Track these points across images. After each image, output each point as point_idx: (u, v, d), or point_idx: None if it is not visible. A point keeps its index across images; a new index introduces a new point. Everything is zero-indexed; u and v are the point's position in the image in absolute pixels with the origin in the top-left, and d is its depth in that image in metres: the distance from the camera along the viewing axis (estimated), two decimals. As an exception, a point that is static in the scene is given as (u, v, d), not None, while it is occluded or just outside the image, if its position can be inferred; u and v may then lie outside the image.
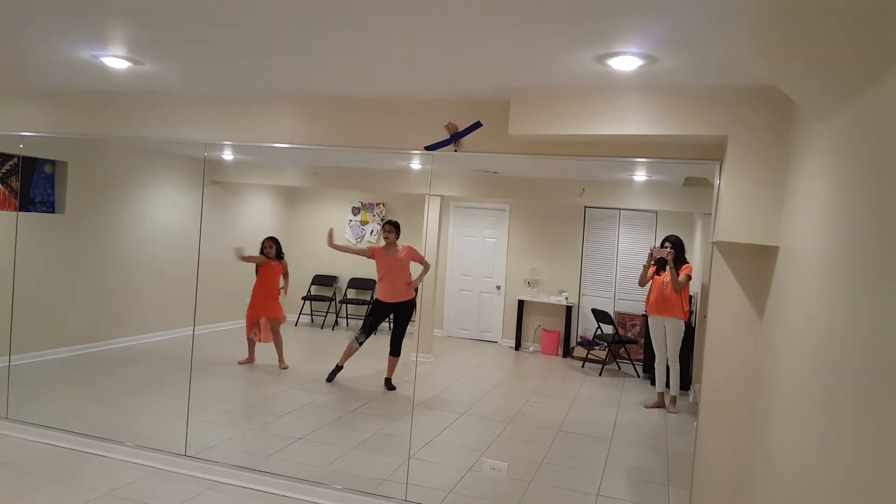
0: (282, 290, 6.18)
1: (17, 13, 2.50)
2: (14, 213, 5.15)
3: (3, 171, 5.30)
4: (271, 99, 3.78)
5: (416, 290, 6.01)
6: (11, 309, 4.49)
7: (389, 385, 5.74)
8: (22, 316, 4.54)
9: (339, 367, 5.83)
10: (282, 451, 4.18)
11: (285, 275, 6.26)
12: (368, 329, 5.80)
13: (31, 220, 5.52)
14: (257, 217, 7.88)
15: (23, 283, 4.53)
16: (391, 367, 5.76)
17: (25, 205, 5.49)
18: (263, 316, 6.10)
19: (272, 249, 6.12)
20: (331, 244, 5.85)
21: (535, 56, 2.53)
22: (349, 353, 5.84)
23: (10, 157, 5.31)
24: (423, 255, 5.92)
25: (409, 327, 5.92)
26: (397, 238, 5.81)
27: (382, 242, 5.88)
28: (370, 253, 5.88)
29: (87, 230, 6.04)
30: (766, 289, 2.81)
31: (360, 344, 5.80)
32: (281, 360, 6.13)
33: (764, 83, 2.64)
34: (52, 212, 5.75)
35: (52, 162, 5.71)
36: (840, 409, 1.61)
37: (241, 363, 6.17)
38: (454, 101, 3.42)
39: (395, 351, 5.75)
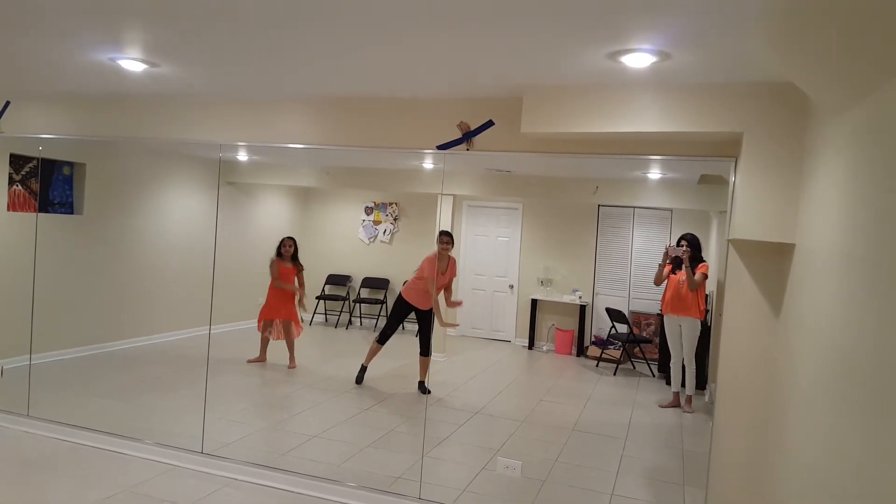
0: (298, 301, 6.15)
1: (34, 17, 2.54)
2: (34, 215, 5.24)
3: (22, 173, 5.39)
4: (285, 99, 3.81)
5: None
6: (32, 309, 4.56)
7: (423, 388, 5.67)
8: (41, 316, 4.61)
9: (364, 368, 5.80)
10: (297, 448, 4.21)
11: (301, 284, 6.23)
12: (391, 328, 5.75)
13: (50, 221, 5.60)
14: (272, 217, 7.94)
15: (42, 284, 4.60)
16: (423, 370, 5.70)
17: (44, 206, 5.58)
18: (277, 318, 6.12)
19: (290, 249, 6.13)
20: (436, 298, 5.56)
21: (547, 54, 2.53)
22: (373, 353, 5.79)
23: (30, 159, 5.39)
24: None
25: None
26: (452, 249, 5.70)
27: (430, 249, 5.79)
28: (428, 269, 5.60)
29: (104, 231, 6.12)
30: (782, 287, 2.78)
31: (382, 343, 5.75)
32: (292, 358, 6.15)
33: (779, 79, 2.61)
34: (71, 213, 5.83)
35: (71, 164, 5.80)
36: (855, 408, 1.59)
37: (250, 361, 6.20)
38: (466, 100, 3.42)
39: (426, 351, 5.69)
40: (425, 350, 5.69)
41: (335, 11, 2.21)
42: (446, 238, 5.70)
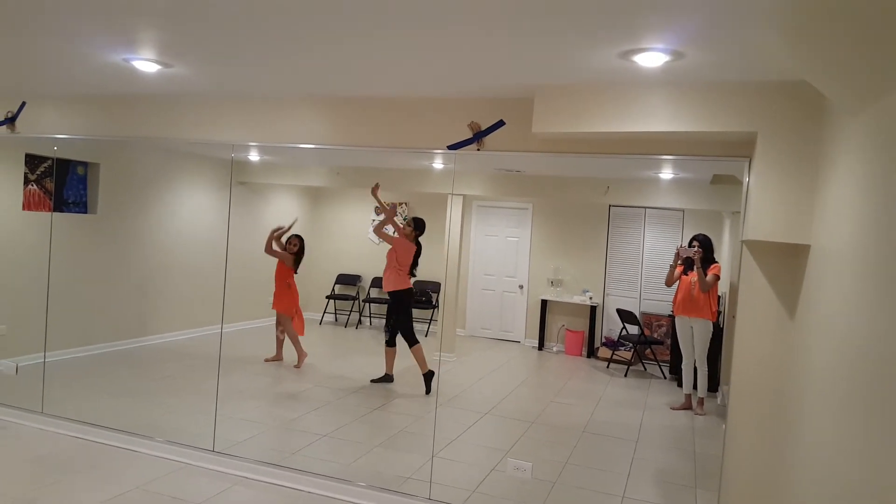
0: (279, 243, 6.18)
1: (49, 18, 2.57)
2: (48, 214, 5.29)
3: (37, 173, 5.45)
4: (296, 100, 3.82)
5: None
6: (46, 307, 4.61)
7: (429, 379, 5.61)
8: (56, 314, 4.65)
9: (389, 377, 5.77)
10: (307, 447, 4.23)
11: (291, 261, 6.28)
12: (390, 324, 5.74)
13: (65, 220, 5.65)
14: (283, 217, 7.96)
15: (57, 282, 4.65)
16: (420, 360, 5.64)
17: (59, 206, 5.63)
18: (276, 310, 6.16)
19: (295, 247, 6.17)
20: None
21: (559, 53, 2.52)
22: (390, 357, 5.76)
23: (45, 159, 5.45)
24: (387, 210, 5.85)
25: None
26: (416, 235, 5.71)
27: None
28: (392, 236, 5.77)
29: (118, 230, 6.17)
30: (796, 288, 2.75)
31: (392, 344, 5.73)
32: (299, 354, 6.16)
33: (794, 78, 2.58)
34: (85, 212, 5.88)
35: (85, 164, 5.85)
36: (871, 411, 1.57)
37: (267, 360, 6.24)
38: (477, 99, 3.41)
39: (410, 340, 5.61)
40: (409, 339, 5.60)
41: (347, 11, 2.21)
42: (409, 221, 5.76)
